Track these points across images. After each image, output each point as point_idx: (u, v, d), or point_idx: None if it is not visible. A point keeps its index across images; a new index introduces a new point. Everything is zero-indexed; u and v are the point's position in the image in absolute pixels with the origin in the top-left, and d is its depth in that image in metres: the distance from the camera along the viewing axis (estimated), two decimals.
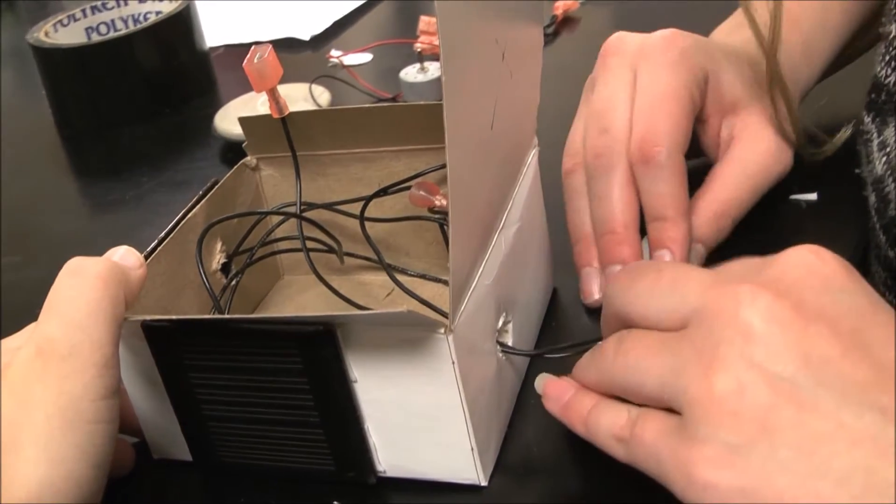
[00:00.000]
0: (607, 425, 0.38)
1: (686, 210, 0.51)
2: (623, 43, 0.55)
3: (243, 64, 0.50)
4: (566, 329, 0.53)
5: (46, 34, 0.92)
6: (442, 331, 0.39)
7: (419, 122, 0.52)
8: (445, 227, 0.52)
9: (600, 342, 0.42)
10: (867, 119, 0.52)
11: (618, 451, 0.38)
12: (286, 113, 0.52)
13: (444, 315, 0.40)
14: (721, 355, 0.33)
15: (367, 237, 0.53)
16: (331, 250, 0.54)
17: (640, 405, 0.38)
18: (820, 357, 0.32)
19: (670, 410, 0.36)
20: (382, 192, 0.53)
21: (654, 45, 0.54)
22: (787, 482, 0.31)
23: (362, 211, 0.53)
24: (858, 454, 0.30)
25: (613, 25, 0.92)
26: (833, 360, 0.32)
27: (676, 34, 0.54)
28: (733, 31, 0.61)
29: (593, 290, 0.53)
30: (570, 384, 0.42)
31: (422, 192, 0.50)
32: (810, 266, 0.35)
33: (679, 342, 0.35)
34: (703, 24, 0.84)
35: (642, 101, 0.52)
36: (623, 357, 0.38)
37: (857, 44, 0.63)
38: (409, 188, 0.52)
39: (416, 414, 0.42)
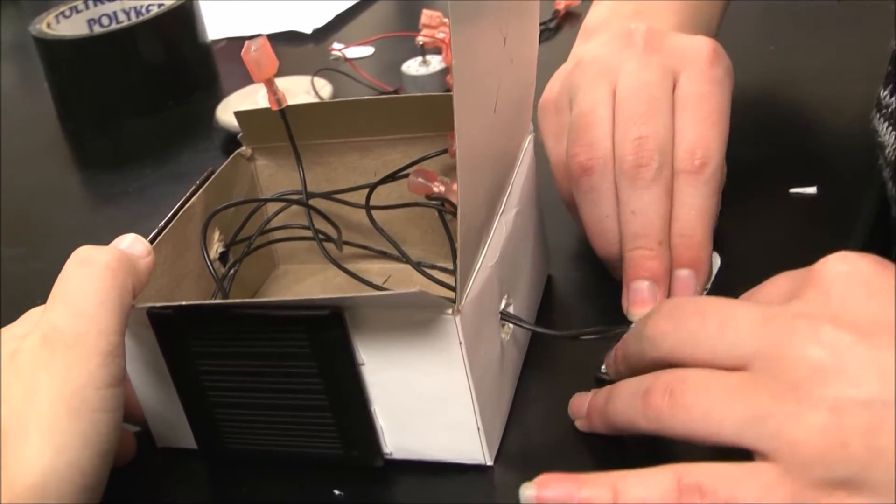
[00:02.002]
0: (660, 483, 0.36)
1: (712, 231, 0.50)
2: (649, 36, 0.53)
3: (241, 53, 0.50)
4: (564, 317, 0.54)
5: (49, 25, 0.92)
6: (450, 311, 0.40)
7: (415, 112, 0.53)
8: (444, 213, 0.52)
9: (625, 381, 0.41)
10: (885, 93, 0.53)
11: None
12: (284, 105, 0.53)
13: (448, 299, 0.40)
14: (804, 396, 0.34)
15: (374, 223, 0.53)
16: (328, 239, 0.55)
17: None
18: (893, 366, 0.33)
19: None
20: (390, 177, 0.53)
21: (701, 55, 0.52)
22: None
23: (367, 199, 0.53)
24: None
25: None
26: None
27: (719, 46, 0.53)
28: (635, 17, 0.59)
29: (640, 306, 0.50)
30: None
31: (420, 179, 0.51)
32: (848, 276, 0.36)
33: (750, 388, 0.35)
34: None
35: (694, 112, 0.50)
36: (684, 411, 0.37)
37: None
38: (408, 175, 0.52)
39: (423, 395, 0.42)
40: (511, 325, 0.47)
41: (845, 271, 0.36)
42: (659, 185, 0.49)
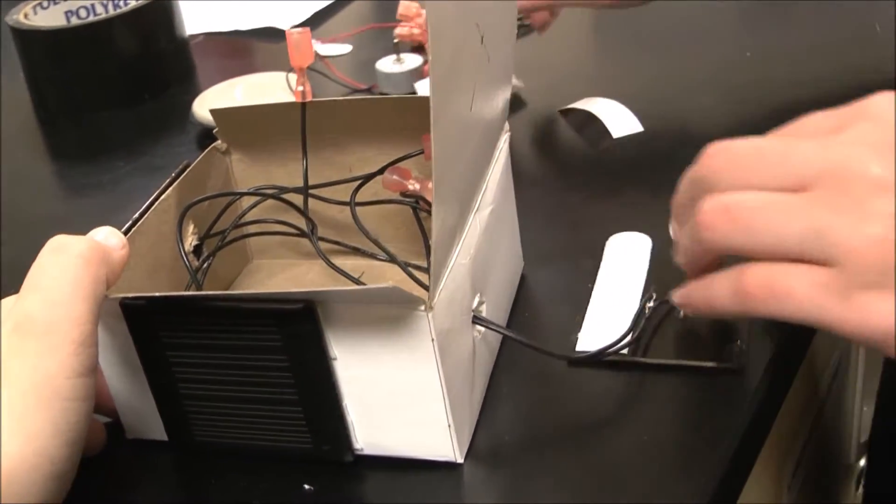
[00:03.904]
0: (724, 288, 0.40)
1: None
2: None
3: (286, 31, 0.53)
4: (538, 319, 0.54)
5: (26, 16, 0.91)
6: (422, 308, 0.40)
7: (392, 112, 0.53)
8: (418, 210, 0.52)
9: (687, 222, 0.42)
10: None
11: (737, 307, 0.40)
12: (309, 99, 0.53)
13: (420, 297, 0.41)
14: (864, 209, 0.36)
15: (357, 220, 0.53)
16: (303, 234, 0.55)
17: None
18: None
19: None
20: (379, 173, 0.53)
21: None
22: None
23: (353, 196, 0.53)
24: None
25: (590, 19, 0.94)
26: None
27: None
28: None
29: None
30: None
31: (395, 177, 0.51)
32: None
33: (811, 205, 0.37)
34: (683, 21, 0.85)
35: None
36: (743, 227, 0.39)
37: None
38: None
39: (395, 391, 0.43)
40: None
41: (893, 104, 0.38)
42: None
